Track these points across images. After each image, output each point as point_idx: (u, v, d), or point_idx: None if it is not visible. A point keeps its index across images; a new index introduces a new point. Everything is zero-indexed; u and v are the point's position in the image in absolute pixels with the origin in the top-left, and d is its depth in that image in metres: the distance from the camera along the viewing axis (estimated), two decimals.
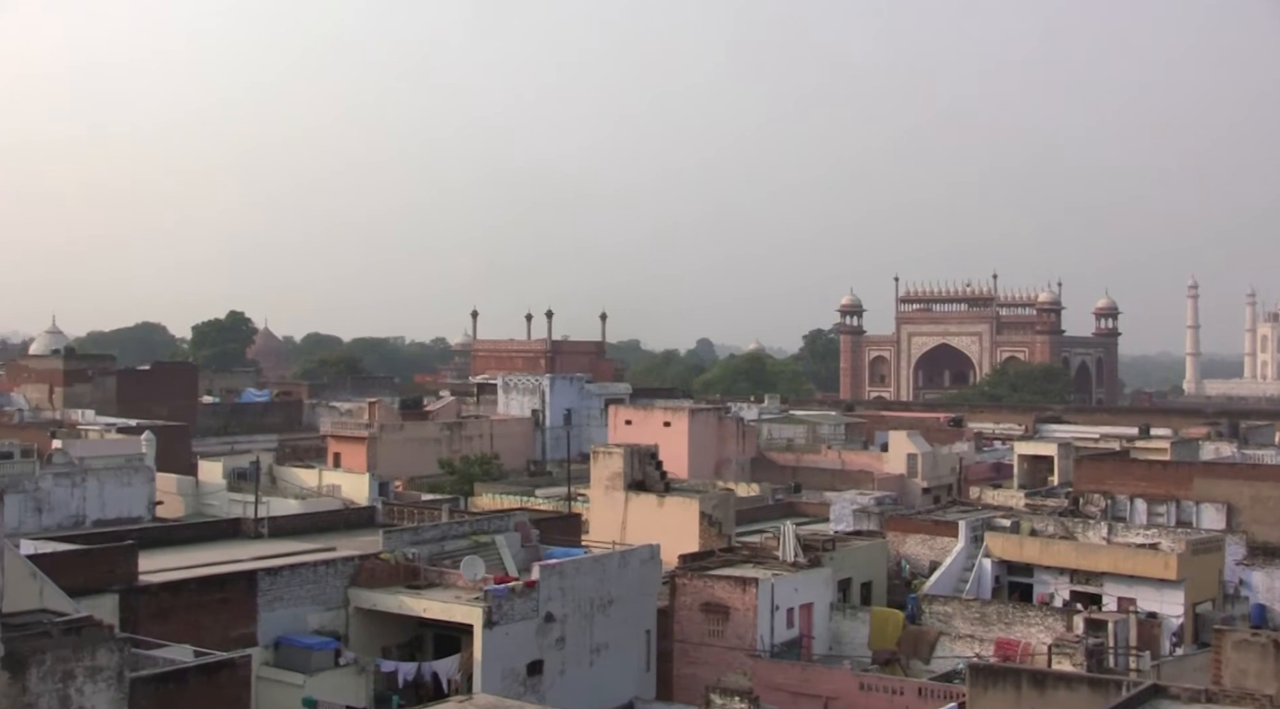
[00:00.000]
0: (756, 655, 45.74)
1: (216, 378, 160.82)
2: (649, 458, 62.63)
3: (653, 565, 48.07)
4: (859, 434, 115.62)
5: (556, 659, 42.71)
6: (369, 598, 42.92)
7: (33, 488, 63.81)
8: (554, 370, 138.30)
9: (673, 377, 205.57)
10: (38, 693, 25.76)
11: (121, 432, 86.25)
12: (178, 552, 47.69)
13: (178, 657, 32.65)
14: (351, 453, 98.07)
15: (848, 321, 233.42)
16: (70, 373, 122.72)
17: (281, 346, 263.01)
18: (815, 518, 71.60)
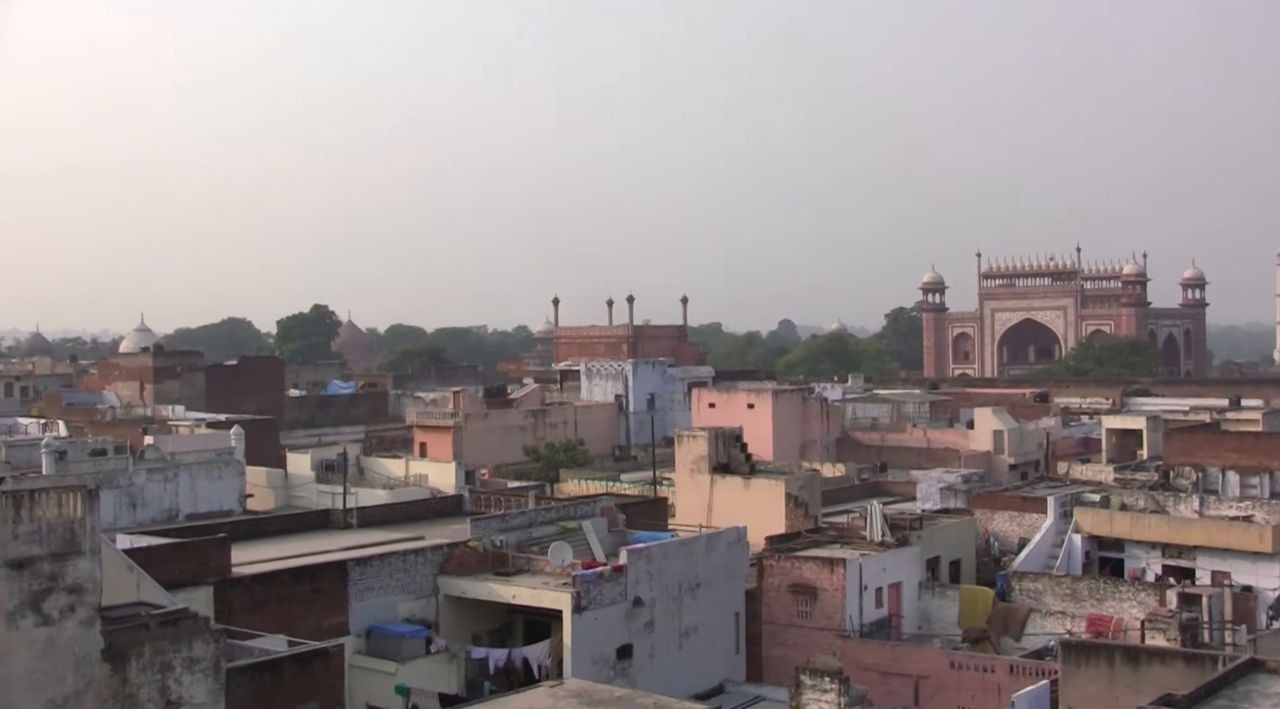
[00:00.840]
0: (845, 636, 45.56)
1: (302, 371, 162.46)
2: (734, 440, 62.53)
3: (740, 548, 48.01)
4: (944, 412, 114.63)
5: (646, 643, 42.79)
6: (458, 586, 43.21)
7: (127, 483, 64.82)
8: (636, 355, 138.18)
9: (755, 359, 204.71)
10: (137, 684, 26.18)
11: (211, 426, 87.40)
12: (269, 543, 48.31)
13: (272, 647, 33.07)
14: (437, 442, 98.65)
15: (930, 299, 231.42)
16: (160, 370, 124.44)
17: (365, 339, 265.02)
18: (902, 497, 71.14)
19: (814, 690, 30.87)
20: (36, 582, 24.91)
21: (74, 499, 25.79)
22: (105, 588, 26.62)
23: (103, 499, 27.72)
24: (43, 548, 25.08)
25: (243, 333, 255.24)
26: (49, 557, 25.12)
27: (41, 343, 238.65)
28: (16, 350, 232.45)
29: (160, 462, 69.03)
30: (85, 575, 25.64)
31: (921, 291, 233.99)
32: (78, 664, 25.34)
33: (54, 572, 25.16)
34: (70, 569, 25.41)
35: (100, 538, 26.95)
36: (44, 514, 25.26)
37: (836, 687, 30.60)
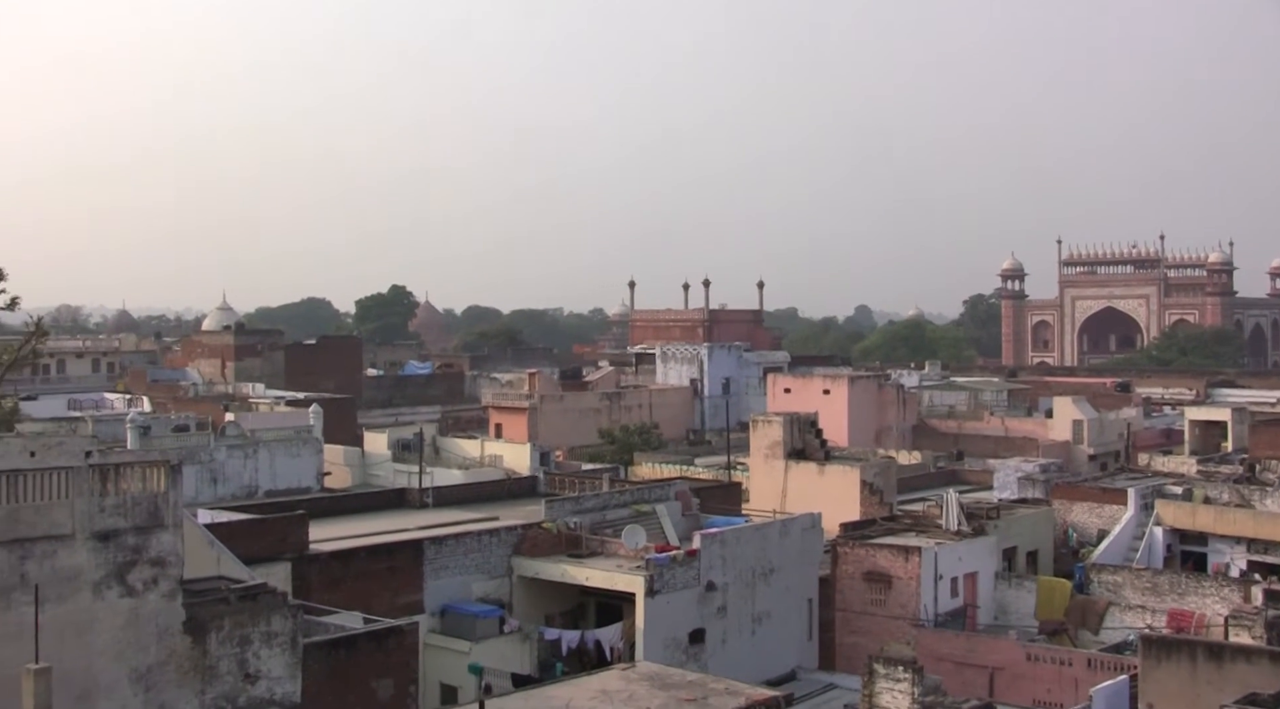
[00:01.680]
0: (920, 625, 45.33)
1: (380, 351, 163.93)
2: (809, 426, 62.35)
3: (814, 534, 47.88)
4: (1022, 400, 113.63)
5: (718, 628, 42.79)
6: (532, 566, 43.43)
7: (208, 459, 65.73)
8: (712, 339, 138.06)
9: (831, 344, 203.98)
10: (217, 656, 26.59)
11: (290, 404, 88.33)
12: (346, 521, 48.73)
13: (348, 623, 33.43)
14: (512, 423, 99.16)
15: (1009, 286, 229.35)
16: (241, 348, 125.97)
17: (442, 319, 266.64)
18: (978, 486, 70.64)
19: (887, 680, 30.73)
20: (121, 554, 25.34)
21: (158, 474, 26.20)
22: (186, 561, 27.04)
23: (184, 474, 28.12)
24: (127, 521, 25.51)
25: (322, 312, 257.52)
26: (133, 530, 25.55)
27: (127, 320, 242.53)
28: (104, 327, 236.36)
29: (240, 438, 69.86)
30: (168, 549, 26.06)
31: (1000, 278, 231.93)
32: (160, 635, 25.77)
33: (138, 544, 25.59)
34: (153, 542, 25.83)
35: (182, 512, 27.37)
36: (129, 488, 25.69)
37: (910, 676, 30.43)
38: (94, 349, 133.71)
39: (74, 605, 24.67)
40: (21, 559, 24.05)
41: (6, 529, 23.96)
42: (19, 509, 24.15)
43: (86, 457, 25.19)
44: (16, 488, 24.16)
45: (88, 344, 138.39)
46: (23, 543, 24.10)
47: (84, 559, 24.87)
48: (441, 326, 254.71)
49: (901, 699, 30.33)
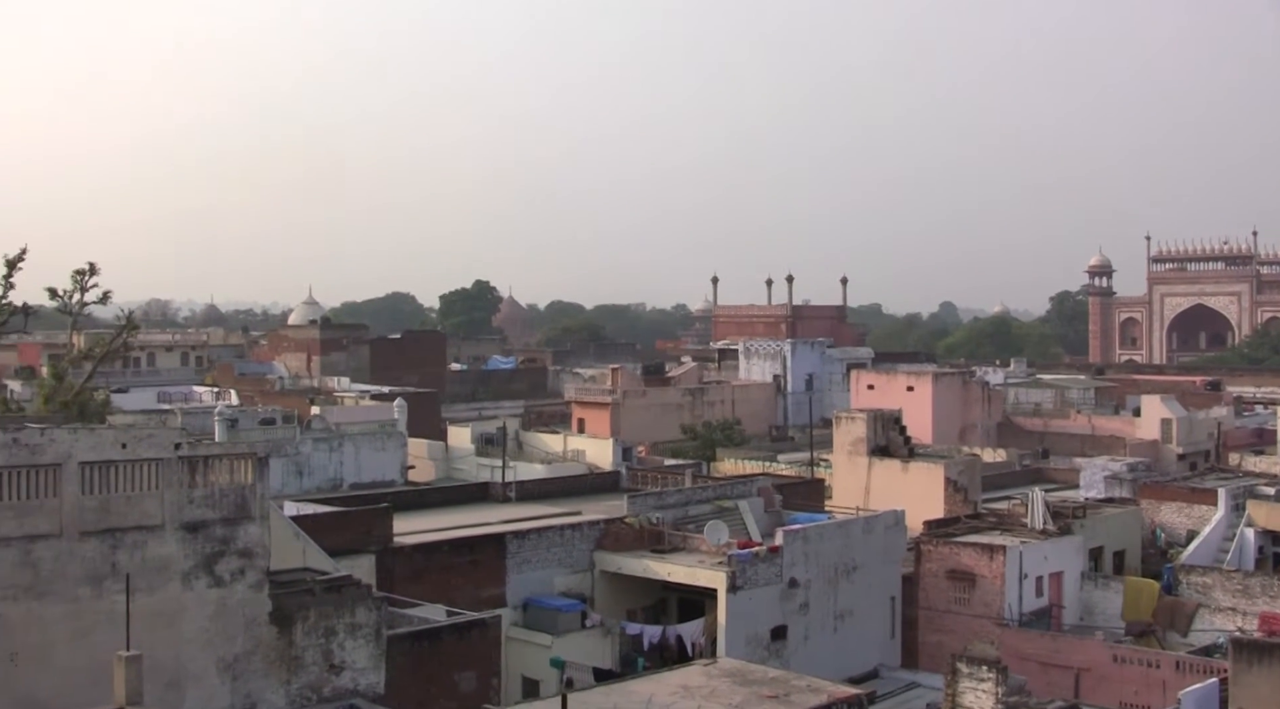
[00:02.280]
0: (1004, 624, 44.92)
1: (464, 345, 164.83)
2: (893, 423, 62.00)
3: (897, 531, 47.60)
4: (1109, 398, 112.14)
5: (800, 625, 42.67)
6: (614, 561, 43.52)
7: (294, 452, 66.44)
8: (795, 335, 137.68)
9: (915, 340, 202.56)
10: (303, 647, 26.89)
11: (375, 398, 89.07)
12: (429, 514, 49.13)
13: (431, 616, 33.69)
14: (595, 418, 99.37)
15: (1096, 283, 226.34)
16: (326, 342, 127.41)
17: (526, 314, 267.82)
18: (1064, 484, 69.81)
19: (971, 679, 30.53)
20: (209, 544, 25.71)
21: (245, 466, 26.55)
22: (273, 553, 27.38)
23: (271, 467, 28.46)
24: (215, 512, 25.87)
25: (406, 307, 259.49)
26: (221, 521, 25.91)
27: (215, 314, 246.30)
28: (192, 321, 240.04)
29: (326, 431, 70.60)
30: (255, 540, 26.40)
31: (1088, 275, 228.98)
32: (247, 625, 26.11)
33: (226, 535, 25.94)
34: (241, 533, 26.18)
35: (269, 504, 27.72)
36: (217, 480, 26.05)
37: (994, 676, 30.22)
38: (183, 343, 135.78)
39: (164, 595, 25.06)
40: (113, 549, 24.48)
41: (98, 519, 24.38)
42: (110, 500, 24.57)
43: (176, 449, 25.55)
44: (108, 479, 24.58)
45: (177, 338, 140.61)
46: (114, 533, 24.52)
47: (173, 549, 25.25)
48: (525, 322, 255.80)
49: (985, 699, 30.11)
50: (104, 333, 78.23)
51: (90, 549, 24.23)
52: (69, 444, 24.18)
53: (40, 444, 23.86)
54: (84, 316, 66.77)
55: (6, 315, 59.81)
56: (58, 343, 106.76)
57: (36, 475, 23.76)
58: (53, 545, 23.83)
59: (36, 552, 23.64)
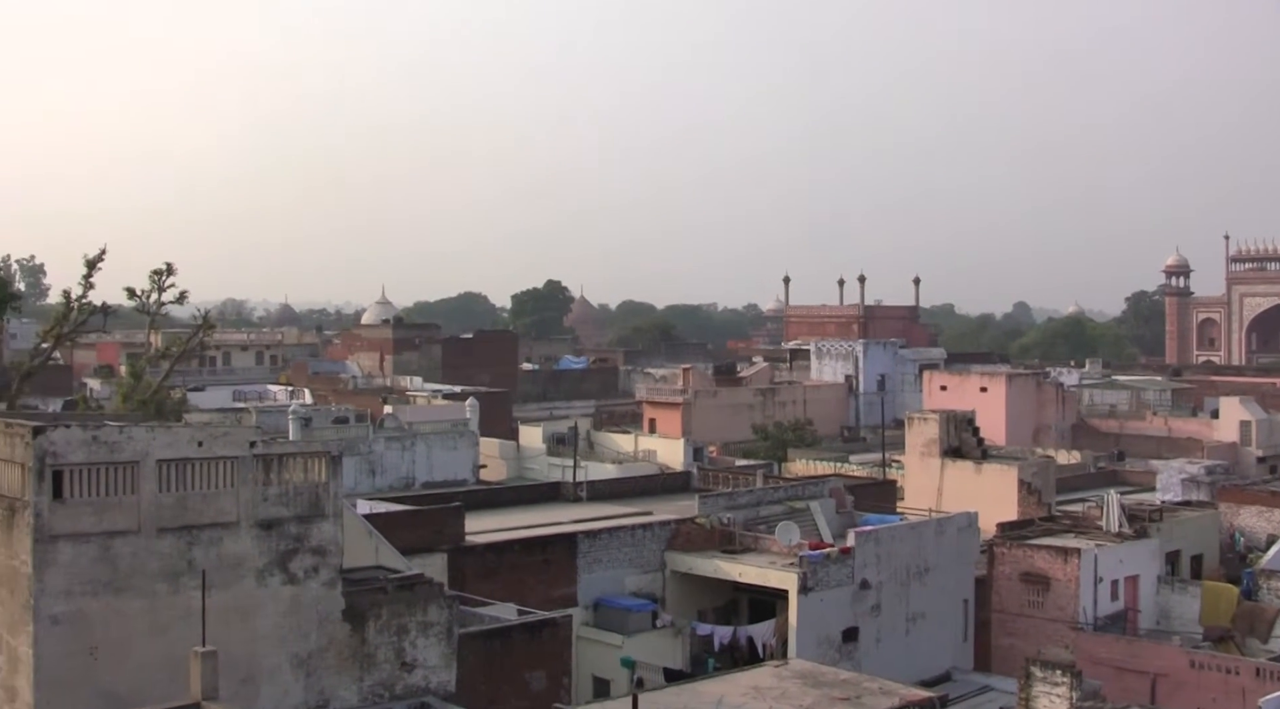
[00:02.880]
0: (1079, 628, 44.53)
1: (535, 345, 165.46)
2: (965, 424, 61.63)
3: (970, 533, 47.27)
4: (1186, 400, 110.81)
5: (872, 627, 42.47)
6: (685, 561, 43.51)
7: (366, 451, 67.00)
8: (867, 336, 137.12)
9: (988, 341, 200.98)
10: (375, 644, 27.06)
11: (447, 398, 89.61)
12: (501, 513, 49.36)
13: (502, 615, 33.83)
14: (666, 418, 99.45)
15: (1174, 282, 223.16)
16: (399, 341, 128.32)
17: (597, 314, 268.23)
18: (1140, 487, 69.06)
19: (1044, 683, 30.25)
20: (284, 542, 25.93)
21: (318, 464, 26.75)
22: (345, 551, 27.56)
23: (344, 465, 28.67)
24: (289, 510, 26.09)
25: (478, 307, 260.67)
26: (295, 519, 26.12)
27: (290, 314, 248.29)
28: (267, 321, 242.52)
29: (398, 431, 71.11)
30: (328, 538, 26.59)
31: (1165, 275, 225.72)
32: (320, 622, 26.31)
33: (300, 533, 26.15)
34: (314, 531, 26.38)
35: (342, 502, 27.90)
36: (291, 478, 26.27)
37: (1068, 680, 29.92)
38: (258, 342, 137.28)
39: (238, 591, 25.31)
40: (189, 545, 24.74)
41: (176, 516, 24.67)
42: (187, 497, 24.84)
43: (251, 447, 25.79)
44: (185, 476, 24.85)
45: (252, 337, 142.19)
46: (190, 530, 24.79)
47: (248, 546, 25.49)
48: (596, 321, 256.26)
49: (1059, 703, 29.83)
50: (181, 332, 79.14)
51: (167, 545, 24.52)
52: (146, 442, 24.48)
53: (119, 442, 24.17)
54: (161, 316, 67.59)
55: (86, 315, 60.66)
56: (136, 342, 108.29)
57: (115, 473, 24.06)
58: (131, 542, 24.13)
59: (115, 548, 23.95)
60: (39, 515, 23.22)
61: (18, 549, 23.60)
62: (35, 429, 23.44)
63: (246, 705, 24.60)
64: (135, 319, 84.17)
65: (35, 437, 23.29)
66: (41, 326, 68.86)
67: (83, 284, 59.92)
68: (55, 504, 23.41)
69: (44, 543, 23.25)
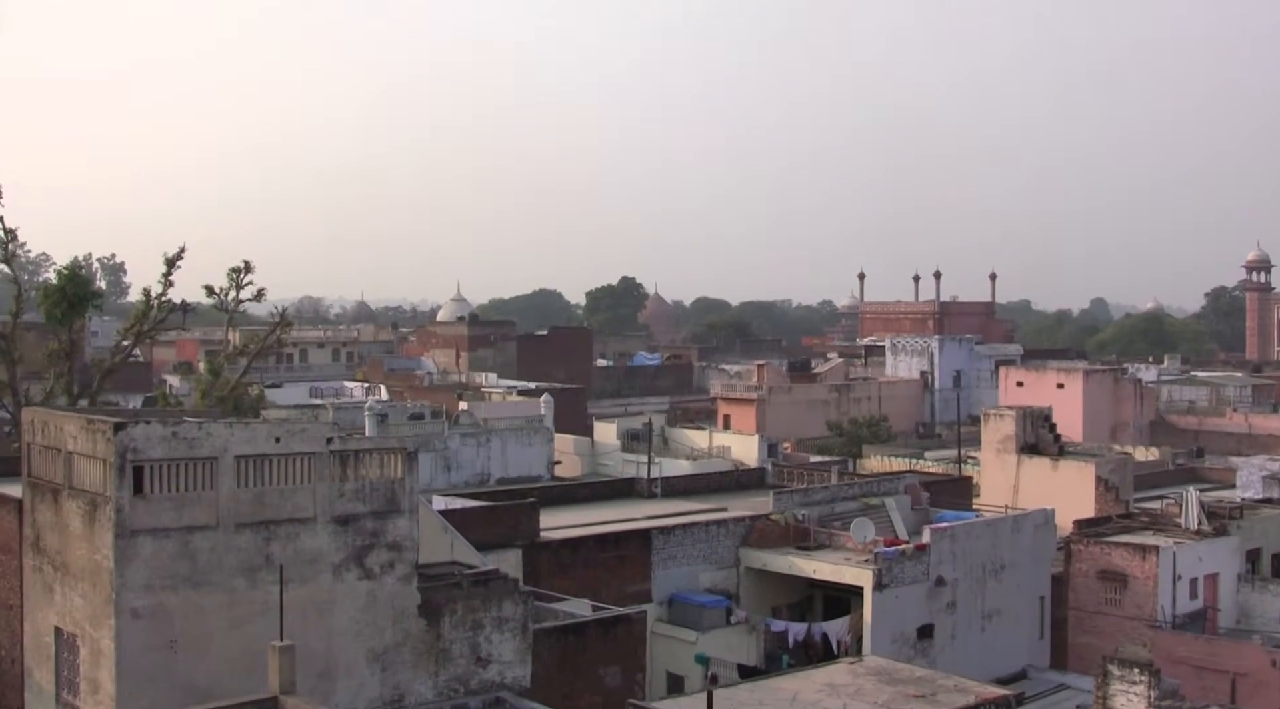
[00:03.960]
0: (1157, 626, 43.95)
1: (610, 342, 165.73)
2: (1042, 420, 61.01)
3: (1047, 531, 46.76)
4: (1267, 397, 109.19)
5: (947, 624, 42.11)
6: (759, 558, 43.38)
7: (442, 447, 67.37)
8: (942, 332, 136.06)
9: (1065, 337, 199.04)
10: (450, 640, 27.18)
11: (522, 394, 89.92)
12: (575, 510, 49.41)
13: (576, 610, 33.86)
14: (741, 415, 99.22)
15: (1255, 277, 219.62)
16: (474, 338, 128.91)
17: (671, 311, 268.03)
18: (1220, 484, 68.06)
19: (1122, 682, 29.81)
20: (360, 537, 26.11)
21: (394, 460, 26.91)
22: (421, 547, 27.72)
23: (420, 462, 28.82)
24: (366, 506, 26.27)
25: (553, 304, 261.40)
26: (371, 514, 26.30)
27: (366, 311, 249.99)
28: (343, 318, 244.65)
29: (474, 427, 71.43)
30: (404, 533, 26.75)
31: (1245, 270, 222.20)
32: (396, 618, 26.47)
33: (376, 529, 26.32)
34: (390, 527, 26.54)
35: (418, 498, 28.06)
36: (367, 474, 26.45)
37: (1146, 679, 29.47)
38: (334, 339, 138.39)
39: (315, 586, 25.52)
40: (267, 540, 24.98)
41: (253, 511, 24.91)
42: (265, 492, 25.08)
43: (328, 443, 25.99)
44: (263, 472, 25.09)
45: (328, 334, 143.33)
46: (268, 525, 25.02)
47: (325, 542, 25.69)
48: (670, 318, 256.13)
49: (1137, 702, 29.40)
50: (258, 329, 79.97)
51: (245, 541, 24.77)
52: (225, 438, 24.74)
53: (197, 438, 24.45)
54: (239, 314, 68.26)
55: (166, 313, 61.52)
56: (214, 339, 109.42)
57: (194, 468, 24.35)
58: (210, 537, 24.40)
59: (194, 543, 24.23)
60: (120, 510, 23.55)
61: (99, 543, 23.93)
62: (116, 425, 23.76)
63: (323, 700, 24.79)
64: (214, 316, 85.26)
65: (116, 433, 23.62)
66: (122, 324, 69.75)
67: (162, 282, 60.84)
68: (136, 499, 23.74)
69: (125, 538, 23.57)
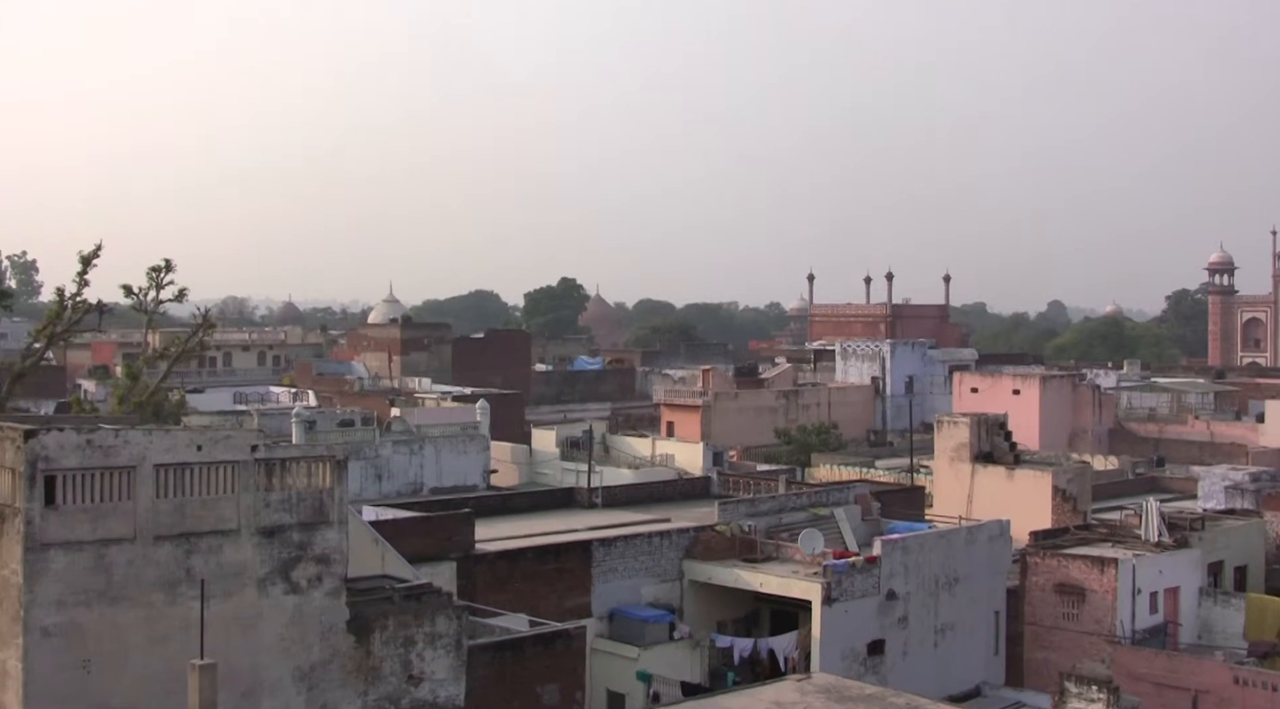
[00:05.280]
0: (1116, 642, 44.37)
1: (549, 345, 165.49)
2: (997, 428, 61.48)
3: (1002, 542, 47.17)
4: (1230, 404, 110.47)
5: (899, 639, 42.39)
6: (704, 571, 43.49)
7: (373, 455, 67.10)
8: (895, 335, 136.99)
9: (1022, 341, 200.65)
10: (380, 656, 27.08)
11: (457, 400, 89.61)
12: (513, 520, 49.39)
13: (513, 625, 33.86)
14: (685, 421, 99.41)
15: (1217, 280, 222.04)
16: (408, 341, 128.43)
17: (613, 313, 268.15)
18: (1181, 494, 68.83)
19: (1080, 699, 30.12)
20: (286, 550, 25.96)
21: (323, 469, 26.79)
22: (351, 559, 27.60)
23: (350, 470, 28.71)
24: (293, 516, 26.13)
25: (490, 305, 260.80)
26: (298, 525, 26.17)
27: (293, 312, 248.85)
28: (270, 320, 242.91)
29: (406, 434, 71.17)
30: (333, 546, 26.63)
31: (1208, 272, 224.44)
32: (324, 634, 26.34)
33: (303, 541, 26.19)
34: (318, 539, 26.42)
35: (348, 509, 27.93)
36: (294, 483, 26.31)
37: (1105, 696, 29.79)
38: (260, 342, 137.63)
39: (239, 601, 25.35)
40: (188, 553, 24.79)
41: (174, 523, 24.71)
42: (186, 503, 24.88)
43: (253, 451, 25.83)
44: (184, 482, 24.88)
45: (254, 337, 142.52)
46: (189, 537, 24.83)
47: (249, 555, 25.53)
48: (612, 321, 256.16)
49: None
50: (180, 331, 79.43)
51: (165, 554, 24.56)
52: (144, 446, 24.53)
53: (114, 446, 24.22)
54: (159, 315, 67.77)
55: (81, 313, 60.79)
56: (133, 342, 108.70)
57: (110, 478, 24.11)
58: (127, 550, 24.18)
59: (110, 556, 24.00)
60: (30, 523, 23.28)
61: (7, 558, 23.66)
62: (27, 433, 23.49)
63: None
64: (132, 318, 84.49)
65: (27, 440, 23.35)
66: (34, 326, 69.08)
67: (77, 281, 60.04)
68: (47, 511, 23.47)
69: (35, 551, 23.30)
